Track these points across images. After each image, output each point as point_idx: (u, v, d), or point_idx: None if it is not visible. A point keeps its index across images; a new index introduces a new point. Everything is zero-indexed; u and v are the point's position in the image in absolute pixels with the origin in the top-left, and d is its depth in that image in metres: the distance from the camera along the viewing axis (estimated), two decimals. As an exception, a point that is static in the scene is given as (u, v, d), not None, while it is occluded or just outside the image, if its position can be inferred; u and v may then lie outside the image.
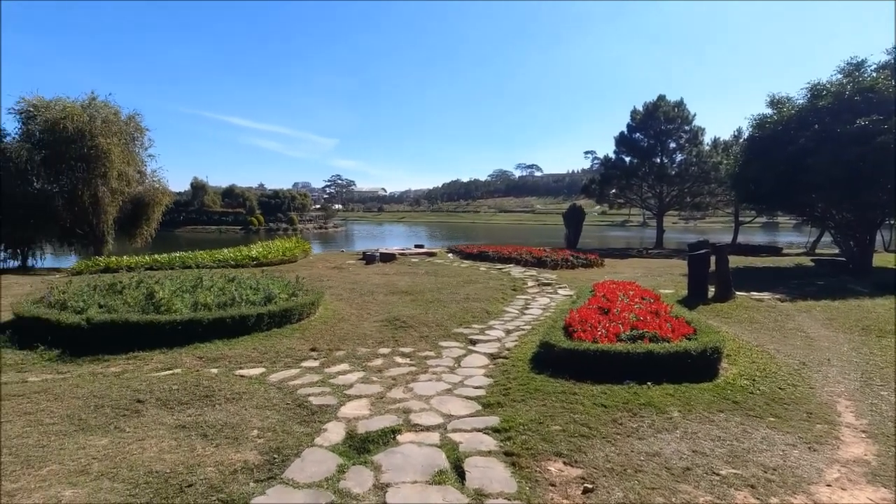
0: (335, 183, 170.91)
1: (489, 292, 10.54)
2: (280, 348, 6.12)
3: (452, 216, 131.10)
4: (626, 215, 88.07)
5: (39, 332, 6.20)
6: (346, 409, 4.26)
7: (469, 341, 6.74)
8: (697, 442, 3.61)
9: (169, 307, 6.69)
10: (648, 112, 30.74)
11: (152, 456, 3.38)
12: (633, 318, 6.23)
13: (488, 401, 4.46)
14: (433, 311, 8.41)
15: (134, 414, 4.12)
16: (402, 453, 3.42)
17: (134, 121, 19.57)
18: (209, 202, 73.06)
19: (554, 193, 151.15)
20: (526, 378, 5.02)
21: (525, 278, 12.90)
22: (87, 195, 17.50)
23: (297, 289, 8.33)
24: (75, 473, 3.15)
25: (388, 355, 6.00)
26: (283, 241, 21.16)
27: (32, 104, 17.21)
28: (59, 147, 16.84)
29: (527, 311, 9.02)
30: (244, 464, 3.28)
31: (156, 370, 5.34)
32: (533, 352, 5.95)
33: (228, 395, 4.53)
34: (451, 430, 3.83)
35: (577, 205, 27.88)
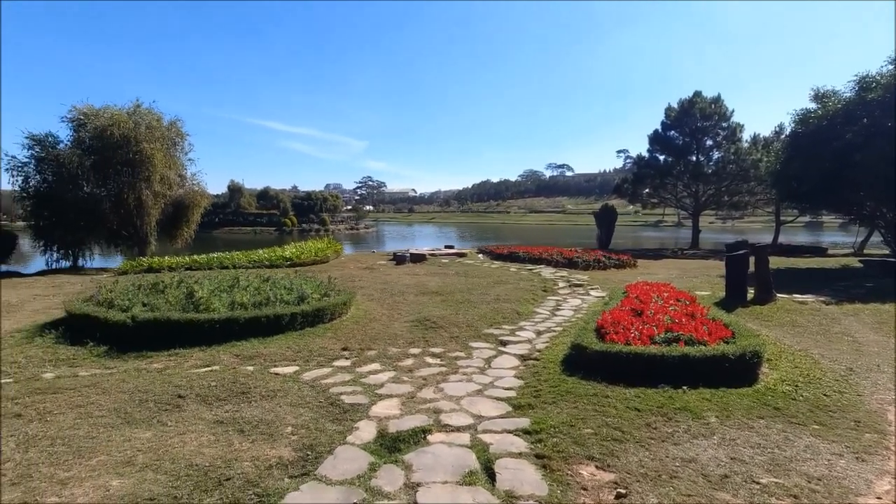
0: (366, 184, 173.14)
1: (519, 293, 10.48)
2: (313, 347, 6.24)
3: (482, 217, 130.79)
4: (659, 215, 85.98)
5: (89, 329, 6.51)
6: (377, 408, 4.32)
7: (499, 342, 6.72)
8: (736, 449, 3.50)
9: (207, 306, 6.92)
10: (684, 109, 29.91)
11: (192, 450, 3.51)
12: (668, 321, 6.08)
13: (519, 402, 4.44)
14: (463, 312, 8.42)
15: (175, 409, 4.28)
16: (432, 453, 3.44)
17: (175, 126, 20.32)
18: (245, 204, 75.18)
19: (585, 193, 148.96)
20: (557, 380, 4.97)
21: (556, 279, 12.77)
22: (132, 198, 18.24)
23: (330, 289, 8.48)
24: (122, 464, 3.30)
25: (419, 355, 6.04)
26: (316, 241, 21.57)
27: (83, 112, 18.06)
28: (107, 153, 17.64)
29: (558, 312, 8.93)
30: (279, 459, 3.36)
31: (195, 367, 5.53)
32: (564, 353, 5.89)
33: (264, 392, 4.65)
34: (481, 431, 3.83)
35: (610, 205, 27.37)
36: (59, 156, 17.54)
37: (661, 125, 31.01)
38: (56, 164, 17.49)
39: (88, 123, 17.86)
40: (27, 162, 17.62)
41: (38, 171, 17.75)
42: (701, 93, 29.78)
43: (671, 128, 30.67)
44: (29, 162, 17.63)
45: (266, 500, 2.88)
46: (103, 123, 17.72)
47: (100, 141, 17.62)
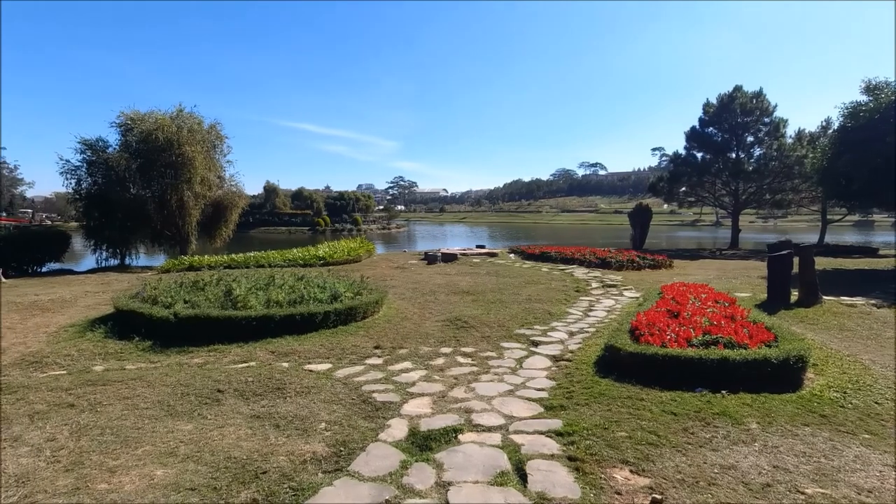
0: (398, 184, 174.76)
1: (551, 293, 10.37)
2: (346, 345, 6.34)
3: (514, 216, 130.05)
4: (697, 214, 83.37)
5: (135, 324, 6.81)
6: (408, 406, 4.35)
7: (531, 343, 6.67)
8: (779, 457, 3.37)
9: (245, 304, 7.12)
10: (723, 104, 28.94)
11: (231, 443, 3.62)
12: (706, 323, 5.91)
13: (551, 403, 4.40)
14: (495, 312, 8.40)
15: (214, 403, 4.42)
16: (463, 452, 3.45)
17: (215, 129, 21.02)
18: (280, 204, 76.99)
19: (619, 192, 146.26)
20: (590, 381, 4.90)
21: (588, 279, 12.58)
22: (174, 199, 18.98)
23: (362, 288, 8.59)
24: (165, 455, 3.43)
25: (450, 355, 6.06)
26: (348, 241, 21.90)
27: (130, 118, 18.90)
28: (152, 156, 18.41)
29: (590, 313, 8.80)
30: (313, 455, 3.43)
31: (233, 362, 5.70)
32: (597, 355, 5.81)
33: (298, 388, 4.76)
34: (512, 432, 3.81)
35: (644, 204, 26.75)
36: (108, 159, 18.46)
37: (699, 121, 30.11)
38: (106, 167, 18.42)
39: (135, 128, 18.68)
40: (80, 165, 18.67)
41: (89, 174, 18.76)
42: (741, 87, 28.77)
43: (709, 124, 29.74)
44: (81, 165, 18.67)
45: (301, 494, 2.94)
46: (149, 128, 18.50)
47: (145, 144, 18.42)
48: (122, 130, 18.97)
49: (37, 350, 6.13)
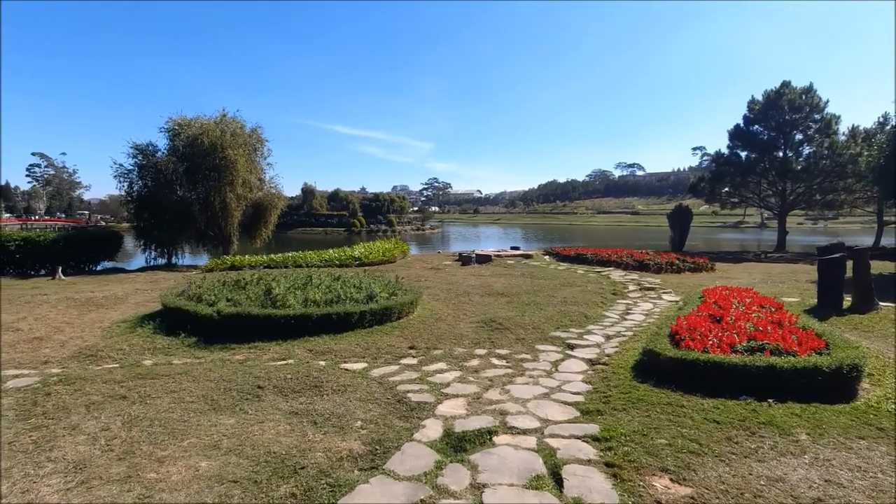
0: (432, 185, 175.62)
1: (587, 296, 10.21)
2: (381, 345, 6.42)
3: (548, 217, 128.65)
4: (739, 216, 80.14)
5: (181, 321, 7.09)
6: (443, 407, 4.37)
7: (566, 345, 6.58)
8: (831, 470, 3.20)
9: (284, 303, 7.31)
10: (769, 101, 27.73)
11: (270, 438, 3.72)
12: (751, 328, 5.69)
13: (587, 408, 4.33)
14: (529, 314, 8.33)
15: (255, 398, 4.56)
16: (498, 455, 3.44)
17: (256, 133, 21.68)
18: (317, 206, 78.70)
19: (657, 193, 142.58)
20: (628, 386, 4.80)
21: (626, 282, 12.32)
22: (217, 201, 19.65)
23: (397, 288, 8.67)
24: (209, 447, 3.57)
25: (485, 356, 6.04)
26: (383, 242, 22.16)
27: (178, 123, 19.74)
28: (197, 159, 19.16)
29: (628, 316, 8.61)
30: (349, 452, 3.49)
31: (272, 359, 5.86)
32: (635, 359, 5.69)
33: (335, 386, 4.85)
34: (548, 436, 3.77)
35: (684, 205, 25.94)
36: (157, 163, 19.32)
37: (744, 119, 28.98)
38: (155, 170, 19.29)
39: (182, 133, 19.48)
40: (132, 169, 19.65)
41: (140, 177, 19.70)
42: (790, 83, 27.51)
43: (755, 122, 28.58)
44: (133, 169, 19.65)
45: (337, 490, 3.00)
46: (194, 132, 19.26)
47: (191, 148, 19.19)
48: (171, 135, 19.83)
49: (92, 344, 6.47)
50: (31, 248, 15.55)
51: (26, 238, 15.80)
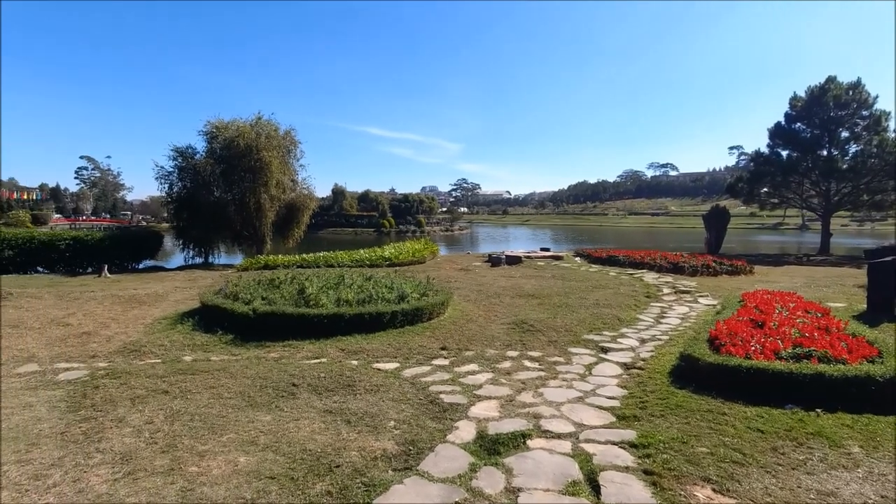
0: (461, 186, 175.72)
1: (620, 298, 10.01)
2: (412, 345, 6.44)
3: (578, 219, 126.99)
4: (779, 217, 77.04)
5: (218, 319, 7.29)
6: (476, 409, 4.34)
7: (600, 349, 6.47)
8: (887, 486, 3.03)
9: (317, 302, 7.42)
10: (813, 97, 26.57)
11: (305, 435, 3.78)
12: (796, 334, 5.46)
13: (623, 413, 4.24)
14: (561, 316, 8.22)
15: (290, 396, 4.64)
16: (532, 459, 3.39)
17: (290, 135, 22.14)
18: (347, 206, 79.86)
19: (691, 194, 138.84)
20: (665, 392, 4.68)
21: (660, 285, 12.03)
22: (252, 202, 20.16)
23: (428, 289, 8.69)
24: (247, 443, 3.64)
25: (517, 358, 5.99)
26: (413, 242, 22.25)
27: (215, 126, 20.36)
28: (233, 161, 19.72)
29: (663, 319, 8.40)
30: (383, 452, 3.51)
31: (306, 358, 5.95)
32: (672, 364, 5.54)
33: (368, 386, 4.89)
34: (583, 440, 3.71)
35: (721, 205, 25.13)
36: (196, 165, 19.99)
37: (785, 117, 27.88)
38: (194, 172, 19.96)
39: (219, 136, 20.08)
40: (172, 171, 20.41)
41: (179, 179, 20.46)
42: (835, 78, 26.29)
43: (797, 119, 27.45)
44: (173, 171, 20.42)
45: (372, 490, 3.01)
46: (231, 135, 19.83)
47: (228, 151, 19.76)
48: (209, 138, 20.47)
49: (136, 340, 6.72)
50: (79, 247, 16.32)
51: (75, 237, 16.58)
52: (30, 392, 4.72)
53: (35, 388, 4.83)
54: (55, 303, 9.28)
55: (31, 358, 5.91)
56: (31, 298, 9.61)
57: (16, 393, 4.70)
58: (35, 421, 4.03)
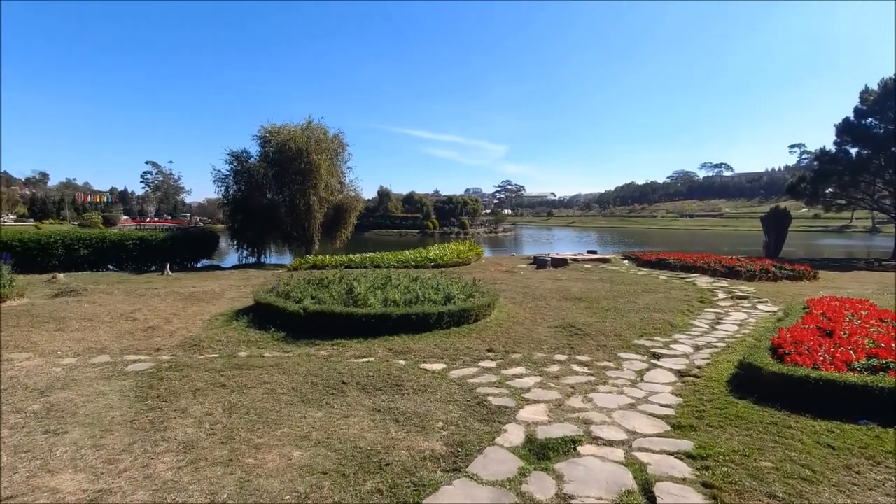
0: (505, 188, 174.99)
1: (672, 303, 9.66)
2: (459, 346, 6.45)
3: (626, 221, 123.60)
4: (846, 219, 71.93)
5: (271, 316, 7.55)
6: (524, 412, 4.30)
7: (652, 354, 6.26)
8: (979, 513, 2.78)
9: (364, 302, 7.55)
10: (887, 90, 24.64)
11: (355, 433, 3.85)
12: (871, 344, 5.10)
13: (678, 422, 4.08)
14: (610, 320, 8.01)
15: (340, 393, 4.74)
16: (584, 465, 3.32)
17: (338, 138, 22.67)
18: (392, 208, 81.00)
19: (747, 195, 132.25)
20: (723, 402, 4.47)
21: (714, 290, 11.52)
22: (301, 203, 20.77)
23: (474, 290, 8.68)
24: (300, 438, 3.75)
25: (565, 362, 5.88)
26: (458, 244, 22.31)
27: (268, 130, 21.14)
28: (285, 164, 20.41)
29: (718, 326, 8.04)
30: (431, 452, 3.53)
31: (354, 357, 6.07)
32: (730, 373, 5.30)
33: (415, 386, 4.93)
34: (636, 449, 3.59)
35: (781, 207, 23.82)
36: (250, 168, 20.84)
37: (854, 112, 26.03)
38: (248, 175, 20.81)
39: (272, 139, 20.83)
40: (228, 174, 21.36)
41: (235, 182, 21.37)
42: (913, 69, 24.34)
43: (868, 114, 25.57)
44: (229, 174, 21.37)
45: (422, 490, 3.03)
46: (283, 139, 20.53)
47: (280, 154, 20.46)
48: (262, 142, 21.28)
49: (196, 335, 7.06)
50: (145, 247, 17.37)
51: (141, 238, 17.67)
52: (103, 381, 5.05)
53: (107, 378, 5.16)
54: (124, 298, 9.88)
55: (103, 350, 6.32)
56: (103, 294, 10.29)
57: (91, 382, 5.04)
58: (108, 409, 4.30)
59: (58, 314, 8.21)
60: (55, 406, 4.36)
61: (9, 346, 6.39)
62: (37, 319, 7.83)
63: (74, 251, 16.13)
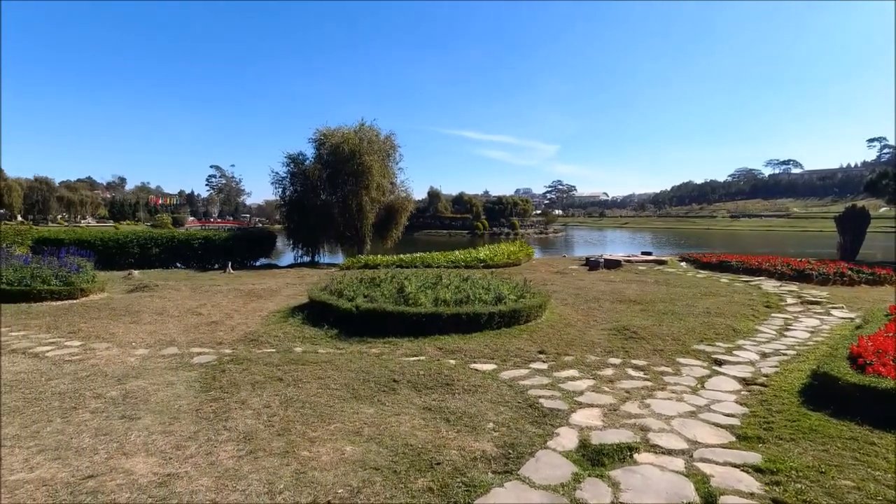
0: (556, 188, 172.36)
1: (734, 307, 9.15)
2: (509, 347, 6.38)
3: (682, 221, 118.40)
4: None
5: (324, 314, 7.77)
6: (577, 416, 4.19)
7: (713, 361, 5.95)
8: None
9: (415, 301, 7.62)
10: None
11: (406, 430, 3.88)
12: (968, 357, 4.61)
13: (744, 433, 3.84)
14: (667, 324, 7.69)
15: (391, 391, 4.79)
16: (641, 474, 3.19)
17: (390, 140, 23.08)
18: (441, 209, 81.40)
19: (818, 194, 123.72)
20: (795, 413, 4.18)
21: (782, 294, 10.81)
22: (354, 204, 21.29)
23: (525, 291, 8.57)
24: (352, 433, 3.82)
25: (619, 366, 5.69)
26: (508, 244, 22.13)
27: (323, 133, 21.83)
28: (338, 166, 21.01)
29: (787, 332, 7.54)
30: (482, 453, 3.50)
31: (405, 355, 6.12)
32: (802, 383, 4.95)
33: (466, 386, 4.91)
34: (698, 459, 3.41)
35: (859, 206, 22.04)
36: (305, 170, 21.62)
37: (947, 101, 23.80)
38: (303, 176, 21.59)
39: (326, 142, 21.49)
40: (285, 176, 22.24)
41: (291, 183, 22.19)
42: None
43: (963, 104, 23.29)
44: (286, 176, 22.24)
45: (472, 491, 3.01)
46: (336, 141, 21.12)
47: (334, 156, 21.09)
48: (317, 145, 22.00)
49: (255, 330, 7.36)
50: (209, 246, 18.43)
51: (206, 237, 18.75)
52: (171, 372, 5.36)
53: (175, 369, 5.47)
54: (190, 294, 10.47)
55: (172, 342, 6.71)
56: (172, 290, 10.94)
57: (161, 372, 5.36)
58: (175, 398, 4.56)
59: (133, 308, 8.81)
60: (130, 393, 4.66)
61: (91, 337, 6.92)
62: (115, 312, 8.44)
63: (147, 250, 17.32)
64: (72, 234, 18.05)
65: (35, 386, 4.89)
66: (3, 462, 3.35)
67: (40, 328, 7.37)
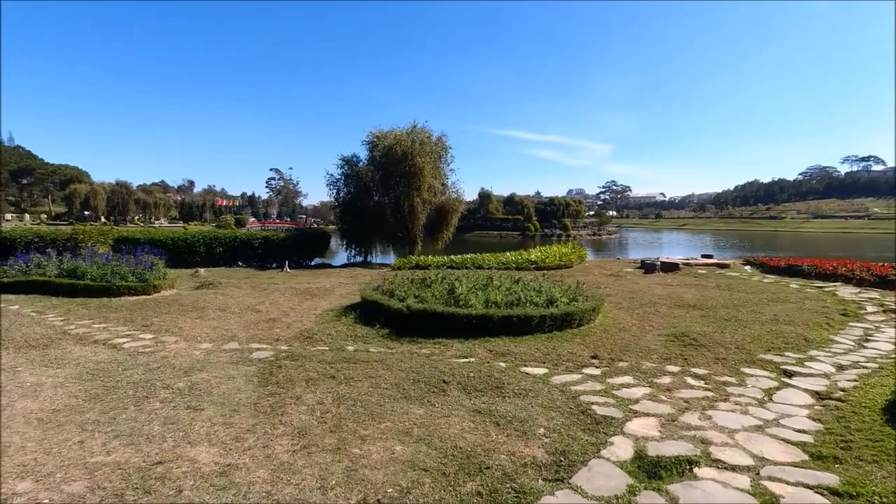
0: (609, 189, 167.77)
1: (806, 315, 8.53)
2: (561, 351, 6.24)
3: (747, 223, 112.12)
4: None
5: (376, 313, 7.90)
6: (632, 425, 4.03)
7: (782, 372, 5.57)
8: None
9: (466, 302, 7.60)
10: None
11: (456, 432, 3.87)
12: None
13: (819, 451, 3.56)
14: (730, 331, 7.28)
15: (440, 392, 4.80)
16: (702, 490, 3.02)
17: (441, 141, 23.22)
18: (492, 210, 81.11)
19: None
20: (877, 432, 3.83)
21: (860, 301, 9.98)
22: (405, 205, 21.59)
23: (577, 294, 8.37)
24: (402, 433, 3.85)
25: (678, 374, 5.44)
26: (560, 246, 21.73)
27: (376, 136, 22.28)
28: (391, 167, 21.38)
29: (868, 343, 6.94)
30: (532, 459, 3.43)
31: (455, 356, 6.12)
32: (886, 399, 4.53)
33: (516, 389, 4.85)
34: (765, 477, 3.20)
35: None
36: (359, 172, 22.16)
37: None
38: (357, 178, 22.13)
39: (379, 144, 21.91)
40: (339, 178, 22.89)
41: (345, 185, 22.82)
42: None
43: None
44: (340, 178, 22.87)
45: (522, 497, 2.96)
46: (389, 143, 21.50)
47: (386, 158, 21.47)
48: (370, 147, 22.48)
49: (309, 328, 7.60)
50: (268, 246, 19.27)
51: (265, 237, 19.63)
52: (232, 366, 5.62)
53: (236, 364, 5.74)
54: (250, 292, 10.97)
55: (233, 337, 7.04)
56: (234, 288, 11.51)
57: (223, 366, 5.63)
58: (236, 391, 4.77)
59: (198, 304, 9.33)
60: (195, 385, 4.93)
61: (161, 330, 7.40)
62: (183, 308, 8.97)
63: (212, 249, 18.32)
64: (146, 233, 19.44)
65: (113, 375, 5.27)
66: (85, 445, 3.63)
67: (118, 321, 7.95)
